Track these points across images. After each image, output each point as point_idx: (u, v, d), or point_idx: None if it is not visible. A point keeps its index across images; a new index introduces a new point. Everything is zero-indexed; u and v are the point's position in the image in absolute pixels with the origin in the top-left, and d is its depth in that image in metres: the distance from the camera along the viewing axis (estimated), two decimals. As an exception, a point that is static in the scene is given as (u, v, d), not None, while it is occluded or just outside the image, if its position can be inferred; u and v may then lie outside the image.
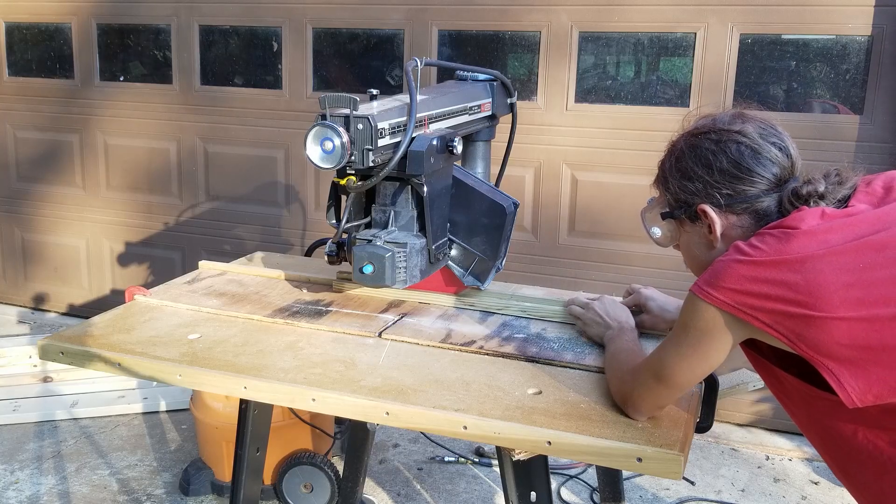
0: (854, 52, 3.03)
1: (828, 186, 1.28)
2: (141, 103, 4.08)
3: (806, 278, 1.14)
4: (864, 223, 1.20)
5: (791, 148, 1.33)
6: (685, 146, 1.41)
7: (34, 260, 4.52)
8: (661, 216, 1.41)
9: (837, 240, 1.17)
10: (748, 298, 1.17)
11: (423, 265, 1.71)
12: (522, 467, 1.49)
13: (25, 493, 2.88)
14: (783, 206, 1.29)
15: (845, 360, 1.14)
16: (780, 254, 1.17)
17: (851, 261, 1.14)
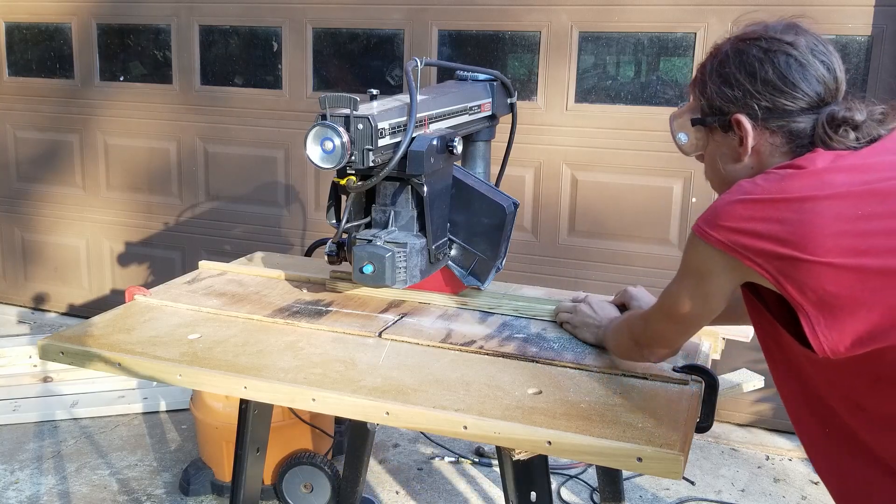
0: (854, 52, 3.03)
1: (867, 120, 1.23)
2: (141, 103, 4.08)
3: (801, 218, 1.11)
4: (876, 169, 1.16)
5: (838, 70, 1.26)
6: (731, 50, 1.33)
7: (34, 260, 4.52)
8: (691, 122, 1.35)
9: (842, 182, 1.14)
10: (742, 237, 1.15)
11: (423, 265, 1.71)
12: (522, 467, 1.49)
13: (25, 493, 2.88)
14: (817, 131, 1.23)
15: (825, 308, 1.12)
16: (780, 192, 1.14)
17: (851, 206, 1.11)
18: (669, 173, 3.28)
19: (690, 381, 1.51)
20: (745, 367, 1.82)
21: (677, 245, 3.32)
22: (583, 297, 1.78)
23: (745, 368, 1.78)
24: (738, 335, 1.81)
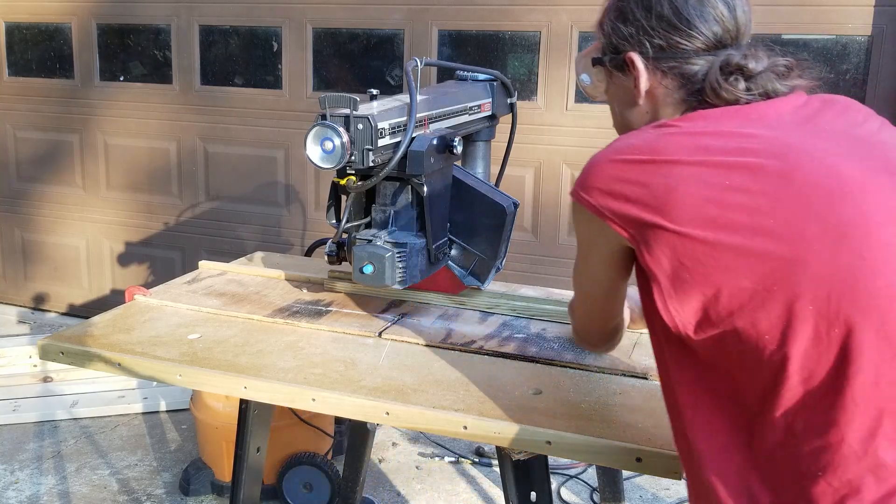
0: (854, 52, 3.03)
1: (765, 71, 1.13)
2: (141, 103, 4.08)
3: (667, 183, 1.02)
4: (759, 140, 1.05)
5: (740, 12, 1.17)
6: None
7: (34, 260, 4.52)
8: (591, 61, 1.28)
9: (718, 148, 1.04)
10: (610, 200, 1.07)
11: (423, 265, 1.71)
12: (522, 467, 1.49)
13: (25, 493, 2.88)
14: (708, 75, 1.14)
15: (677, 280, 1.03)
16: (651, 153, 1.06)
17: (722, 175, 1.01)
18: (669, 173, 3.28)
19: (690, 381, 1.51)
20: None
21: (677, 245, 3.32)
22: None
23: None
24: (738, 335, 1.81)
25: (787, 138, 1.05)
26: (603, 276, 1.21)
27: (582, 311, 1.36)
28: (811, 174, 1.01)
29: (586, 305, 1.33)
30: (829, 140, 1.06)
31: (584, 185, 1.10)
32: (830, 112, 1.13)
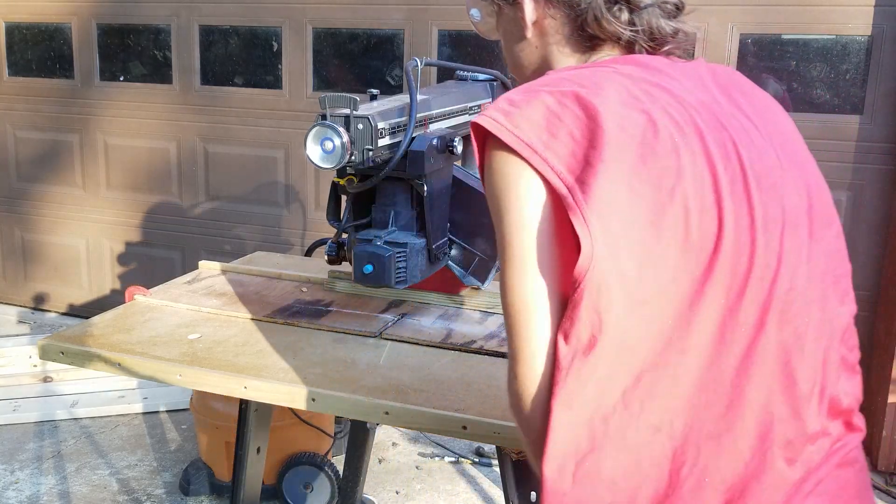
0: (854, 52, 3.03)
1: (653, 6, 1.03)
2: (141, 103, 4.08)
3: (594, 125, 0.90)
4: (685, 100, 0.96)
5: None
6: None
7: (34, 260, 4.52)
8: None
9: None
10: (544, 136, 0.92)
11: (423, 265, 1.71)
12: (522, 467, 1.49)
13: (25, 493, 2.88)
14: (592, 4, 1.03)
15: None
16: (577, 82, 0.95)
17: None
18: (669, 173, 3.28)
19: (690, 381, 1.51)
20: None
21: (677, 245, 3.32)
22: None
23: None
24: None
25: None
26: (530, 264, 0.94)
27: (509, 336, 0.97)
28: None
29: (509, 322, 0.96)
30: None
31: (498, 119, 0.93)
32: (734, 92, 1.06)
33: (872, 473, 3.05)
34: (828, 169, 3.08)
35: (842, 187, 3.08)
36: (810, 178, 1.09)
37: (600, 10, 1.03)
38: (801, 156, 1.08)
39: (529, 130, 0.90)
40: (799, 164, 1.07)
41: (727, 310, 0.91)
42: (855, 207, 3.08)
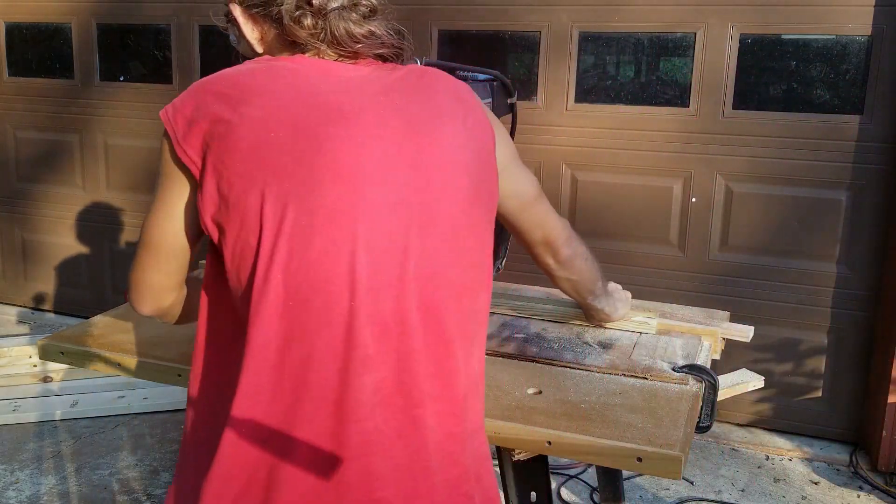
0: (854, 52, 3.03)
1: (339, 9, 1.12)
2: (141, 103, 4.08)
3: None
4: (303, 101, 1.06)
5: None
6: None
7: (34, 260, 4.52)
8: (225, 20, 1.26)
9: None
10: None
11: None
12: (522, 467, 1.49)
13: (25, 493, 2.88)
14: (283, 12, 1.13)
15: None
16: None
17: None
18: (669, 173, 3.28)
19: (690, 381, 1.51)
20: (745, 367, 1.82)
21: (677, 245, 3.32)
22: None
23: (745, 368, 1.78)
24: (738, 335, 1.81)
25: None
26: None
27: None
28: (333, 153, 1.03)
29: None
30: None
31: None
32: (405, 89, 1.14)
33: (872, 473, 3.05)
34: (828, 169, 3.08)
35: (842, 187, 3.09)
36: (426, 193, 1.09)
37: (289, 17, 1.12)
38: (439, 174, 1.10)
39: (178, 124, 1.08)
40: (425, 181, 1.09)
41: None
42: (855, 207, 3.08)
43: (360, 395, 1.03)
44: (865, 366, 3.19)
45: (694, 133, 3.22)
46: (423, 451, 1.07)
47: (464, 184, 1.11)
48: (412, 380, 1.07)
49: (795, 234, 3.16)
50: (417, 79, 1.17)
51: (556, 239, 1.44)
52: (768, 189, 3.17)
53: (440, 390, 1.09)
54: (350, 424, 1.03)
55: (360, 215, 1.04)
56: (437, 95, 1.15)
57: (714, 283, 3.28)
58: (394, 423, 1.06)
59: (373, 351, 1.04)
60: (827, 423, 3.27)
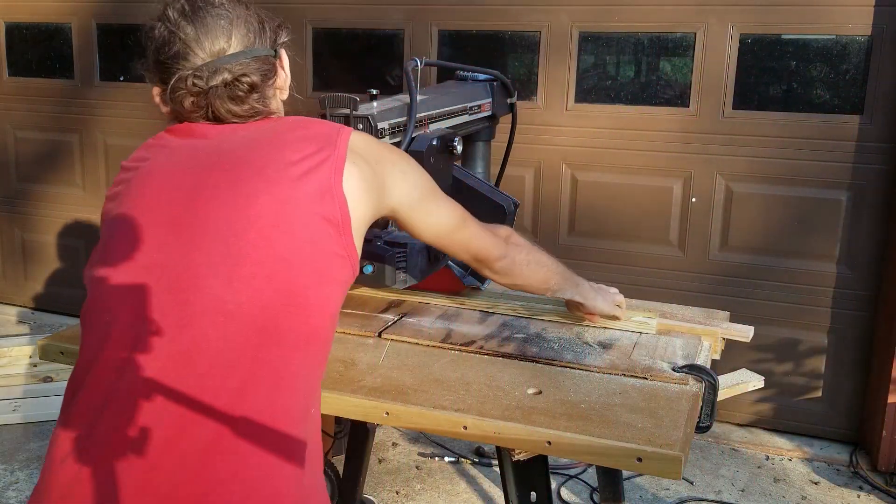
0: (854, 52, 3.03)
1: (213, 89, 1.24)
2: (141, 103, 4.08)
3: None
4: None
5: (189, 31, 1.28)
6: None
7: (34, 260, 4.52)
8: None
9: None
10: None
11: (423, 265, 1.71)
12: (522, 467, 1.49)
13: (25, 493, 2.88)
14: (172, 92, 1.29)
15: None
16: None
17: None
18: (669, 173, 3.28)
19: (690, 381, 1.51)
20: (745, 367, 1.82)
21: (677, 245, 3.32)
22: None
23: (745, 368, 1.78)
24: (738, 335, 1.81)
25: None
26: None
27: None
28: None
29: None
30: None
31: None
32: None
33: (873, 473, 3.05)
34: (828, 169, 3.08)
35: (842, 187, 3.08)
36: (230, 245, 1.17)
37: (171, 97, 1.30)
38: (236, 245, 1.17)
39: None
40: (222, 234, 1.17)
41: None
42: (855, 207, 3.08)
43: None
44: (865, 366, 3.19)
45: (694, 133, 3.22)
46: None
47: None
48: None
49: (795, 234, 3.16)
50: (267, 131, 1.25)
51: (486, 256, 1.46)
52: (768, 189, 3.17)
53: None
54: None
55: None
56: (269, 153, 1.21)
57: (714, 283, 3.28)
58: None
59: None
60: (827, 423, 3.27)
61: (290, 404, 1.15)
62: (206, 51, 1.24)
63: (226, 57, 1.24)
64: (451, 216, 1.40)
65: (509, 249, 1.49)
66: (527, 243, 1.57)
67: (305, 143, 1.21)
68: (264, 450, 1.10)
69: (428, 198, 1.36)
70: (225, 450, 1.09)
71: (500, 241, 1.49)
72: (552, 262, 1.61)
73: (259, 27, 1.28)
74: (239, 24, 1.26)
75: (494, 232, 1.49)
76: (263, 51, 1.27)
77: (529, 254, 1.55)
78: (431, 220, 1.38)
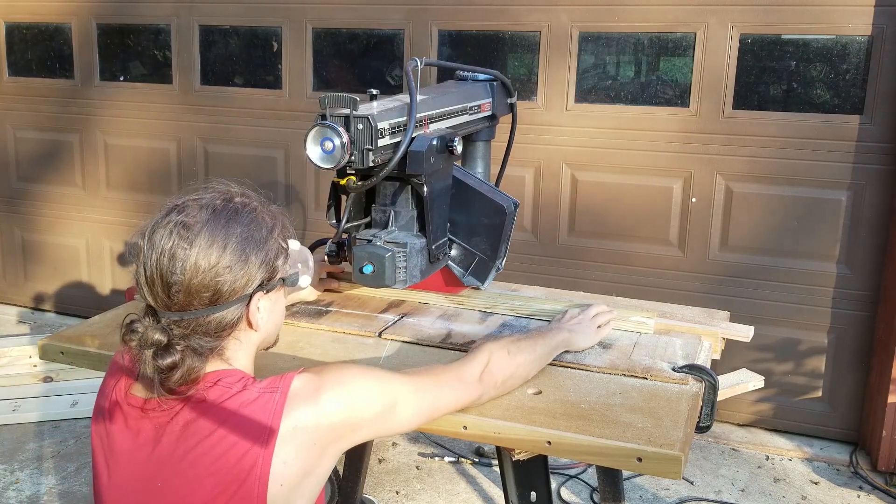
0: (854, 52, 3.03)
1: (155, 348, 1.19)
2: (141, 103, 4.08)
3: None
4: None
5: (148, 258, 1.20)
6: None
7: (34, 260, 4.52)
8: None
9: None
10: None
11: (423, 265, 1.71)
12: (522, 467, 1.49)
13: (25, 493, 2.88)
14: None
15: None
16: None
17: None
18: (669, 173, 3.28)
19: (690, 381, 1.51)
20: (745, 367, 1.82)
21: (677, 245, 3.32)
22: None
23: (745, 368, 1.78)
24: (738, 335, 1.81)
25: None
26: None
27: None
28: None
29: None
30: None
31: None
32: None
33: (873, 473, 3.05)
34: (828, 169, 3.08)
35: (842, 187, 3.08)
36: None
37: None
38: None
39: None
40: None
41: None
42: (855, 207, 3.08)
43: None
44: (865, 366, 3.19)
45: (694, 133, 3.22)
46: None
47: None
48: None
49: (795, 234, 3.16)
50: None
51: (465, 407, 1.39)
52: (768, 189, 3.17)
53: None
54: None
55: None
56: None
57: (714, 283, 3.28)
58: None
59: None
60: (827, 423, 3.27)
61: None
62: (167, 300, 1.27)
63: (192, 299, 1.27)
64: (421, 410, 1.32)
65: (483, 386, 1.39)
66: (503, 358, 1.44)
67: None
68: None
69: (389, 411, 1.28)
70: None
71: (474, 385, 1.38)
72: (531, 354, 1.50)
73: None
74: None
75: (465, 375, 1.38)
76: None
77: (506, 370, 1.43)
78: (403, 429, 1.35)
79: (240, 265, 1.22)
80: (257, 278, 1.24)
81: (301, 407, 1.18)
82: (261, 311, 1.27)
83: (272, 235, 1.28)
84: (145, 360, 1.19)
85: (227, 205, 1.25)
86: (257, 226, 1.26)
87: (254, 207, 1.28)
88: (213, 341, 1.22)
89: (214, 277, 1.20)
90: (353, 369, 1.27)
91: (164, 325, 1.20)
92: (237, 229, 1.23)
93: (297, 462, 1.18)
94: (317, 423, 1.19)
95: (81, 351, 1.63)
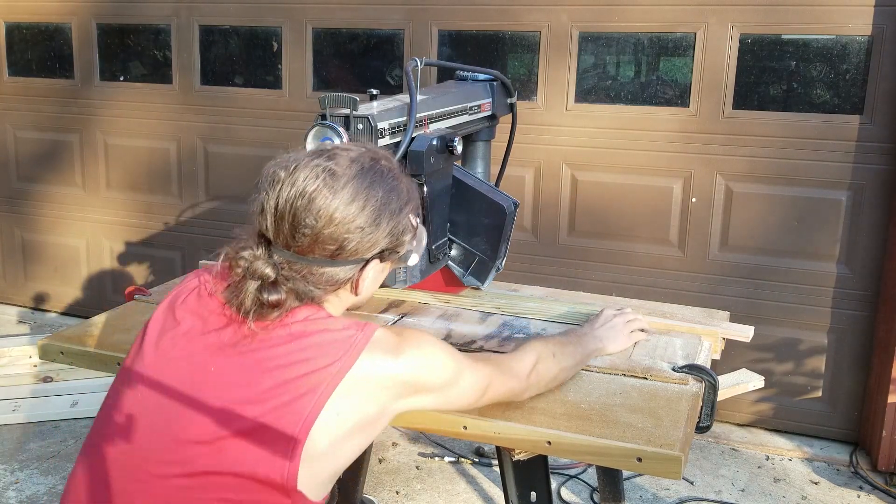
0: (854, 52, 3.03)
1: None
2: (141, 103, 4.08)
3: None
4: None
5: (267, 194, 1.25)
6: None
7: (34, 260, 4.52)
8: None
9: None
10: None
11: (423, 265, 1.71)
12: (522, 467, 1.49)
13: (25, 493, 2.88)
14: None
15: None
16: None
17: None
18: (669, 173, 3.28)
19: (690, 381, 1.51)
20: (745, 367, 1.82)
21: (677, 245, 3.32)
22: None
23: (745, 368, 1.78)
24: (738, 335, 1.81)
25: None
26: None
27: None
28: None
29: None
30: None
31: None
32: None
33: (873, 473, 3.05)
34: (828, 169, 3.08)
35: (842, 187, 3.08)
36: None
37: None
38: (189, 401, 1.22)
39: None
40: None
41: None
42: (855, 207, 3.08)
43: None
44: (865, 366, 3.19)
45: (694, 133, 3.22)
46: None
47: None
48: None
49: (795, 234, 3.16)
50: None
51: (512, 398, 1.40)
52: (768, 189, 3.17)
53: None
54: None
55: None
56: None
57: (714, 283, 3.28)
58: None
59: None
60: (827, 423, 3.27)
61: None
62: (273, 229, 1.35)
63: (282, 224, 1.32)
64: (473, 392, 1.32)
65: (528, 383, 1.39)
66: (549, 360, 1.44)
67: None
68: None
69: (447, 389, 1.29)
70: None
71: (522, 380, 1.38)
72: (571, 360, 1.50)
73: None
74: None
75: (516, 369, 1.38)
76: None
77: (551, 372, 1.44)
78: (452, 407, 1.33)
79: (371, 228, 1.22)
80: (380, 245, 1.25)
81: (379, 354, 1.19)
82: (370, 277, 1.27)
83: (406, 208, 1.28)
84: (247, 290, 1.18)
85: (374, 165, 1.25)
86: (396, 195, 1.26)
87: (396, 175, 1.28)
88: (317, 291, 1.22)
89: (345, 234, 1.20)
90: (429, 337, 1.29)
91: (276, 261, 1.20)
92: (378, 193, 1.22)
93: (356, 409, 1.17)
94: (389, 374, 1.19)
95: (81, 351, 1.63)
